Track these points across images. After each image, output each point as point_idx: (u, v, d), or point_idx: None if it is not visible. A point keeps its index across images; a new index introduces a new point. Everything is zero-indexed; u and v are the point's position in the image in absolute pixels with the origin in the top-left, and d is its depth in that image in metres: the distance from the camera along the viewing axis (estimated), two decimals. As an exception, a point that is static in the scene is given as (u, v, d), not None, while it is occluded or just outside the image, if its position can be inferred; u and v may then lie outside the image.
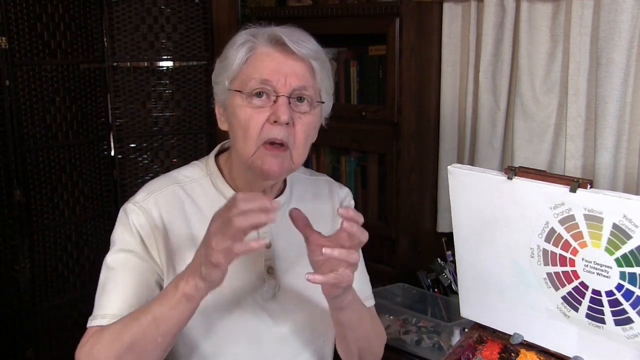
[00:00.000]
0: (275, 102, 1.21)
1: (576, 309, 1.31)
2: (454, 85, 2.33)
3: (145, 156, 3.02)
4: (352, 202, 1.48)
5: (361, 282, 1.40)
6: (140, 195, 1.30)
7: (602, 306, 1.27)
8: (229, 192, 1.30)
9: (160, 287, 1.26)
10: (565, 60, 2.04)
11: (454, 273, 2.18)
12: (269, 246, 1.31)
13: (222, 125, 1.31)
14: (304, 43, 1.27)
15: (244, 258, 1.23)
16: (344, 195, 1.47)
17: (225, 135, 1.34)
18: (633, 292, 1.21)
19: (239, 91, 1.23)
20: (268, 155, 1.22)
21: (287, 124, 1.21)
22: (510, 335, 1.44)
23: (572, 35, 1.98)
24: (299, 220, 1.16)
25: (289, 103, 1.22)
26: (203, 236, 1.12)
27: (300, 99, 1.24)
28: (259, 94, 1.22)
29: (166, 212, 1.27)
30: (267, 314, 1.31)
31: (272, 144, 1.22)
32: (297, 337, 1.34)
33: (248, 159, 1.24)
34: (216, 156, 1.37)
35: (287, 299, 1.32)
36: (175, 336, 1.16)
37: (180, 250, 1.26)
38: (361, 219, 1.11)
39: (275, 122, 1.21)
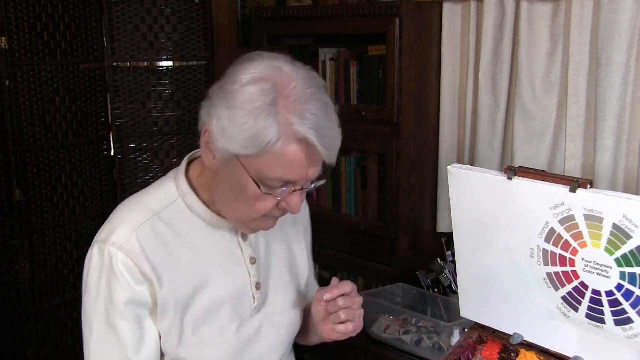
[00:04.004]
0: (288, 189, 1.15)
1: (576, 309, 1.31)
2: (454, 85, 2.33)
3: (145, 156, 3.03)
4: (307, 207, 1.47)
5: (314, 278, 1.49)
6: (119, 235, 1.18)
7: (602, 306, 1.27)
8: (207, 214, 1.24)
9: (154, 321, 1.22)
10: (565, 60, 2.04)
11: (454, 273, 2.18)
12: (254, 262, 1.29)
13: (210, 163, 1.18)
14: (335, 147, 1.14)
15: (232, 275, 1.26)
16: None
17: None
18: (633, 292, 1.21)
19: (255, 180, 1.13)
20: (266, 222, 1.21)
21: None
22: (510, 336, 1.44)
23: (572, 35, 1.98)
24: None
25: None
26: (186, 261, 1.17)
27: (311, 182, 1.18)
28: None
29: (151, 250, 1.19)
30: (253, 328, 1.30)
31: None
32: (277, 349, 1.35)
33: (240, 223, 1.23)
34: (188, 166, 1.29)
35: (271, 312, 1.33)
36: None
37: (171, 284, 1.20)
38: (346, 288, 1.25)
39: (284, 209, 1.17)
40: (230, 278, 1.27)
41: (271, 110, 1.08)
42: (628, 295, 1.22)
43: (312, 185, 1.17)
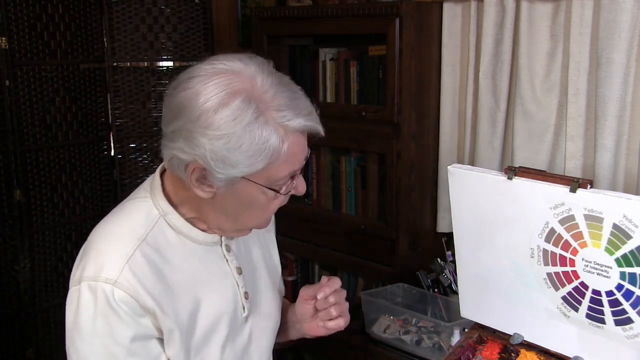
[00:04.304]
0: (295, 177, 1.15)
1: (576, 309, 1.31)
2: (454, 85, 2.33)
3: (145, 156, 3.03)
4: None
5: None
6: (110, 269, 1.09)
7: (602, 306, 1.27)
8: (191, 232, 1.19)
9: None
10: (565, 60, 2.04)
11: (454, 273, 2.18)
12: (240, 272, 1.27)
13: (202, 194, 1.11)
14: (318, 118, 1.13)
15: (223, 289, 1.25)
16: None
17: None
18: (633, 292, 1.21)
19: (269, 188, 1.11)
20: (268, 218, 1.22)
21: None
22: (510, 336, 1.44)
23: (572, 35, 1.98)
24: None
25: None
26: (179, 286, 1.16)
27: None
28: None
29: (146, 280, 1.11)
30: (245, 338, 1.29)
31: None
32: (266, 353, 1.35)
33: (253, 227, 1.22)
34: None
35: (257, 318, 1.32)
36: None
37: (172, 312, 1.15)
38: (336, 284, 1.27)
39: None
40: (222, 293, 1.24)
41: (260, 120, 1.04)
42: (628, 295, 1.22)
43: (305, 161, 1.15)
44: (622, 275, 1.21)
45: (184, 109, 1.05)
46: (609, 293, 1.25)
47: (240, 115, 1.03)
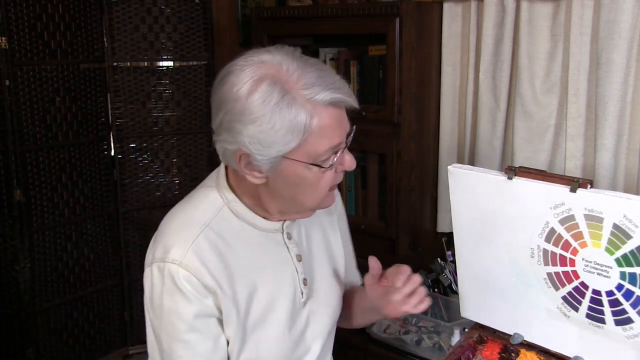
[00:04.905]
0: (339, 152, 1.17)
1: (576, 309, 1.31)
2: (454, 85, 2.33)
3: (145, 156, 3.03)
4: (339, 195, 1.49)
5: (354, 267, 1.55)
6: (176, 251, 1.19)
7: (602, 306, 1.27)
8: (253, 219, 1.26)
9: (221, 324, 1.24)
10: (565, 60, 2.04)
11: (454, 273, 2.18)
12: (300, 259, 1.32)
13: (255, 180, 1.19)
14: (350, 92, 1.17)
15: (282, 274, 1.30)
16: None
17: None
18: (633, 292, 1.21)
19: (311, 164, 1.15)
20: (329, 196, 1.24)
21: None
22: (511, 335, 1.44)
23: (572, 35, 1.98)
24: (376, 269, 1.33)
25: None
26: (239, 268, 1.21)
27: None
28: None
29: (209, 262, 1.20)
30: (302, 322, 1.34)
31: None
32: (322, 336, 1.38)
33: (312, 207, 1.25)
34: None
35: (315, 304, 1.36)
36: None
37: (232, 293, 1.22)
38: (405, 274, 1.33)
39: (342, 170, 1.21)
40: (281, 278, 1.30)
41: (287, 99, 1.10)
42: (628, 295, 1.22)
43: (351, 136, 1.19)
44: (622, 275, 1.21)
45: (222, 102, 1.14)
46: (609, 293, 1.25)
47: (268, 97, 1.10)
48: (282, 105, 1.10)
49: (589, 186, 1.22)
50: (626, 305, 1.23)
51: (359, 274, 1.56)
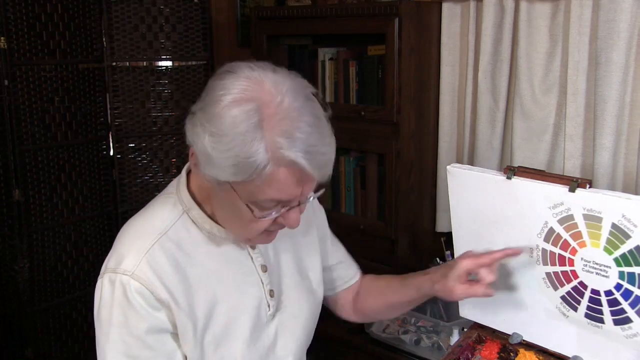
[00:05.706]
0: (286, 207, 1.10)
1: (575, 309, 1.31)
2: (453, 85, 2.33)
3: (144, 156, 3.03)
4: (321, 210, 1.46)
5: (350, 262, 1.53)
6: (129, 262, 1.13)
7: (601, 306, 1.27)
8: (213, 228, 1.20)
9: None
10: (564, 60, 2.04)
11: (453, 273, 2.18)
12: (265, 270, 1.27)
13: (202, 182, 1.13)
14: (327, 165, 1.07)
15: (245, 286, 1.23)
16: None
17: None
18: (632, 292, 1.21)
19: (247, 204, 1.09)
20: (267, 236, 1.18)
21: None
22: (509, 335, 1.44)
23: (571, 35, 1.98)
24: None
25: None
26: (198, 280, 1.15)
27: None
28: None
29: (163, 273, 1.14)
30: (270, 336, 1.28)
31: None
32: (294, 353, 1.33)
33: (242, 240, 1.21)
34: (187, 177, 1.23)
35: (285, 317, 1.30)
36: None
37: (188, 307, 1.16)
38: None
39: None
40: (244, 290, 1.24)
41: (256, 135, 1.01)
42: (627, 294, 1.22)
43: (310, 198, 1.12)
44: (621, 275, 1.22)
45: (206, 95, 1.07)
46: (608, 293, 1.25)
47: (240, 122, 1.01)
48: (247, 138, 1.01)
49: (587, 186, 1.22)
50: (625, 305, 1.23)
51: (356, 265, 1.53)
